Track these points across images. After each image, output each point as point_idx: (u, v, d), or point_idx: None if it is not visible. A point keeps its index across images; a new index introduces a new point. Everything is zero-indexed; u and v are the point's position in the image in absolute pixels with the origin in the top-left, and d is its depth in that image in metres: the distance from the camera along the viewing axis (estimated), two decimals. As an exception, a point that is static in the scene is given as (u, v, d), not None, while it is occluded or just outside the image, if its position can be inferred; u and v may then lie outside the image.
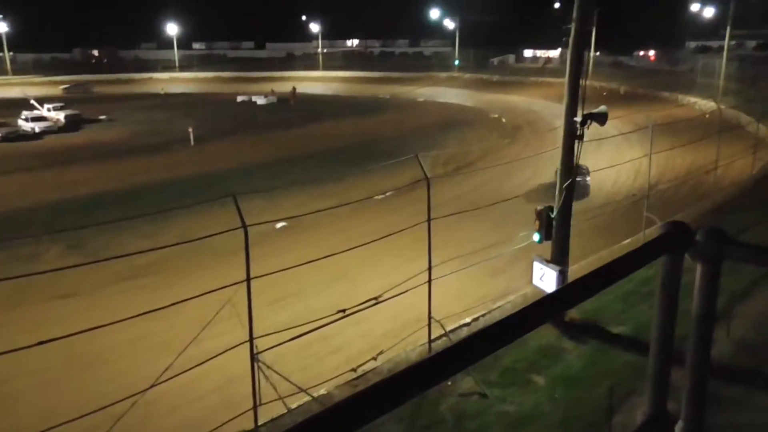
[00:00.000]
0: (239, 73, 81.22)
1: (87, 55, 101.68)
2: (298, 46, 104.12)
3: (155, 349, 11.69)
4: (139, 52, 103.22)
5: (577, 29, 11.28)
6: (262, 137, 39.12)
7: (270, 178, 26.49)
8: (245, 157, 32.17)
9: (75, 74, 77.17)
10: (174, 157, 33.13)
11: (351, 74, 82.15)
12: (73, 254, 17.21)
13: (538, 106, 50.18)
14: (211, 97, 63.07)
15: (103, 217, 20.48)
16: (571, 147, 11.67)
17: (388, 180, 22.62)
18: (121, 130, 41.97)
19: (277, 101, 57.89)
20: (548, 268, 11.44)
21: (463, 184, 24.08)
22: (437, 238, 11.27)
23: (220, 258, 15.54)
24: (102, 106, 51.31)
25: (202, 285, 9.22)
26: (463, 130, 40.10)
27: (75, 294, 14.77)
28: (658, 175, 23.13)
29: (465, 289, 14.46)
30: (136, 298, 14.20)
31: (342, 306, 10.26)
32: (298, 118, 47.38)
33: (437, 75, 78.87)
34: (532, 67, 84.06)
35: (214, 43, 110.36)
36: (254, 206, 12.91)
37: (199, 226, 18.43)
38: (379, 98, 61.03)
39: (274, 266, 9.62)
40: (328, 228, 18.71)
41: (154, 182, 26.56)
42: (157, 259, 16.07)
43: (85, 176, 27.97)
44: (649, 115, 18.84)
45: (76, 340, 7.81)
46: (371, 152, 31.55)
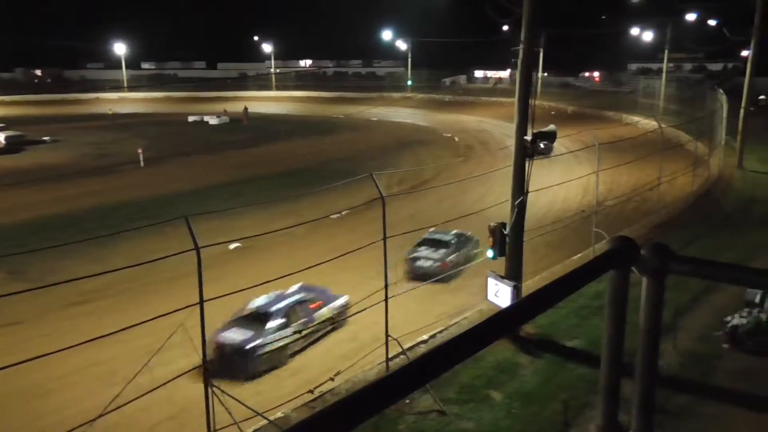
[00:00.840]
0: (191, 93, 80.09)
1: (30, 75, 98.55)
2: (251, 66, 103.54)
3: (103, 378, 11.29)
4: (85, 72, 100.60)
5: (525, 51, 11.64)
6: (215, 157, 38.60)
7: (224, 198, 26.11)
8: (198, 178, 31.64)
9: (17, 95, 74.61)
10: (123, 179, 32.31)
11: (304, 94, 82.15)
12: (16, 281, 16.48)
13: (489, 126, 51.22)
14: (162, 117, 61.91)
15: (47, 242, 19.71)
16: (522, 165, 11.96)
17: (343, 199, 22.62)
18: (66, 152, 40.70)
19: (229, 121, 57.29)
20: (502, 283, 11.61)
21: (418, 203, 24.27)
22: (394, 257, 11.32)
23: (172, 281, 15.18)
24: (46, 127, 49.71)
25: (153, 309, 8.98)
26: (417, 150, 40.53)
27: (19, 322, 14.15)
28: (606, 191, 23.89)
29: (422, 307, 14.51)
30: (83, 324, 13.70)
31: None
32: (251, 138, 46.96)
33: (390, 95, 79.69)
34: (483, 88, 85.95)
35: (165, 63, 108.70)
36: (208, 228, 12.69)
37: (150, 249, 17.96)
38: (333, 118, 61.15)
39: (229, 288, 9.46)
40: (283, 248, 18.54)
41: (102, 205, 25.80)
42: (106, 284, 15.56)
43: (27, 200, 26.93)
44: (595, 134, 19.47)
45: (18, 371, 7.44)
46: (326, 172, 31.51)
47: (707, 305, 13.25)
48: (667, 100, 46.82)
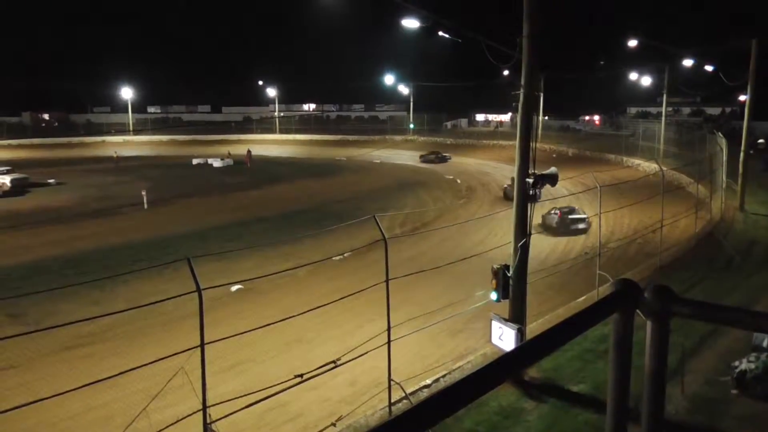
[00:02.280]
0: (195, 136, 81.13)
1: (37, 118, 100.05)
2: (255, 109, 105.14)
3: (99, 423, 11.07)
4: (91, 116, 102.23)
5: (525, 95, 11.82)
6: (218, 199, 38.81)
7: (226, 240, 26.11)
8: (200, 219, 31.73)
9: (24, 138, 75.71)
10: (126, 221, 32.41)
11: (307, 137, 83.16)
12: (13, 324, 16.34)
13: (490, 168, 51.59)
14: (166, 159, 62.55)
15: (47, 285, 19.62)
16: (524, 207, 11.99)
17: (345, 241, 22.61)
18: (70, 194, 40.96)
19: (233, 164, 57.83)
20: (506, 326, 11.49)
21: (420, 244, 24.25)
22: (396, 299, 11.23)
23: (172, 324, 15.05)
24: (51, 170, 50.18)
25: (152, 352, 8.88)
26: (419, 191, 40.74)
27: (14, 366, 13.93)
28: (608, 233, 23.87)
29: (425, 350, 14.33)
30: (81, 368, 13.48)
31: (299, 371, 10.00)
32: (254, 180, 47.30)
33: (392, 138, 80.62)
34: (484, 131, 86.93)
35: (170, 107, 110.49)
36: (209, 269, 12.67)
37: (150, 291, 17.87)
38: (335, 160, 61.71)
39: (229, 331, 9.37)
40: (285, 290, 18.44)
41: (103, 247, 25.80)
42: (105, 327, 15.42)
43: (29, 242, 26.96)
44: (596, 176, 19.58)
45: (11, 417, 7.29)
46: (328, 214, 31.60)
47: (714, 349, 13.07)
48: (667, 143, 47.23)
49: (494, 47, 12.30)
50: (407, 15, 15.67)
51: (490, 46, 12.21)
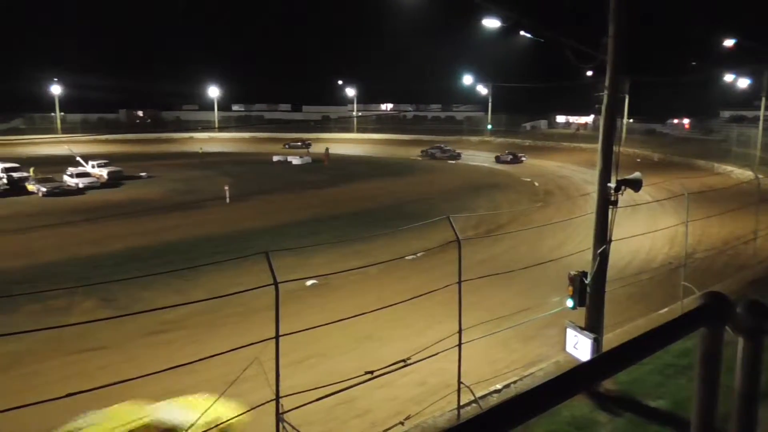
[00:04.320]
0: (276, 134, 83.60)
1: (132, 115, 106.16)
2: (333, 108, 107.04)
3: (179, 406, 11.57)
4: (180, 113, 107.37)
5: (609, 96, 11.40)
6: (295, 196, 39.78)
7: (301, 236, 26.73)
8: (278, 215, 32.64)
9: (119, 133, 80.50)
10: (209, 214, 33.81)
11: (384, 137, 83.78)
12: (106, 307, 17.44)
13: (569, 171, 50.16)
14: (248, 156, 64.76)
15: (136, 272, 20.81)
16: (605, 212, 11.57)
17: (418, 241, 22.62)
18: (159, 187, 43.19)
19: (311, 161, 59.11)
20: (582, 335, 11.13)
21: (493, 247, 23.90)
22: (467, 301, 11.11)
23: (248, 315, 15.56)
24: (143, 164, 53.08)
25: (229, 341, 9.21)
26: (494, 193, 40.18)
27: (105, 347, 14.87)
28: (695, 243, 22.63)
29: (495, 355, 14.11)
30: (163, 352, 14.21)
31: (369, 367, 10.08)
32: (332, 178, 48.16)
33: (469, 139, 79.92)
34: (565, 133, 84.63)
35: (253, 105, 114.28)
36: (284, 264, 12.99)
37: (229, 283, 18.57)
38: (411, 160, 61.84)
39: (303, 324, 9.57)
40: (357, 287, 18.66)
41: (187, 238, 27.02)
42: (186, 315, 16.16)
43: (121, 231, 28.65)
44: (683, 183, 18.60)
45: (102, 394, 7.81)
46: (402, 213, 31.70)
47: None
48: (765, 150, 44.27)
49: (577, 47, 11.93)
50: (488, 15, 15.48)
51: (572, 46, 11.85)
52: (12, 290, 18.19)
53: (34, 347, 14.43)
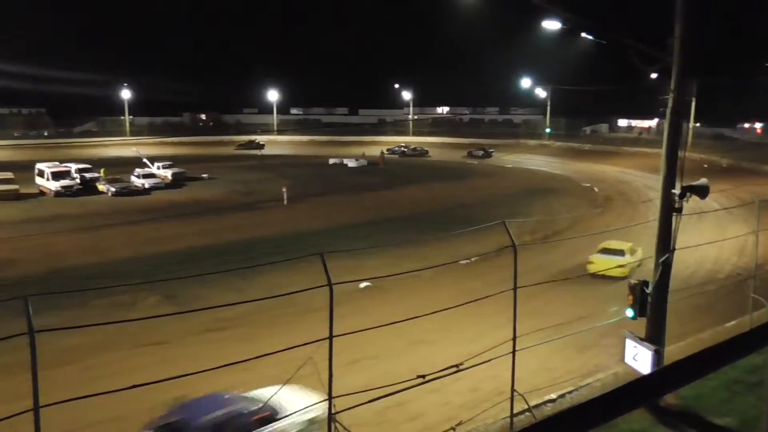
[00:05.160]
0: (332, 137, 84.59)
1: (195, 118, 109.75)
2: (389, 112, 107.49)
3: (235, 402, 11.83)
4: (240, 117, 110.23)
5: (674, 99, 10.98)
6: (350, 198, 40.14)
7: (355, 238, 26.95)
8: (334, 217, 33.01)
9: (183, 136, 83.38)
10: (266, 215, 34.53)
11: (439, 140, 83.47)
12: (168, 304, 18.05)
13: (631, 177, 48.63)
14: (305, 159, 65.80)
15: (197, 270, 21.45)
16: (668, 220, 11.14)
17: (472, 245, 22.41)
18: (219, 188, 44.43)
19: (367, 164, 59.51)
20: (642, 346, 10.74)
21: (550, 253, 23.42)
22: (521, 308, 10.91)
23: (302, 314, 15.78)
24: (205, 165, 54.73)
25: (283, 340, 9.35)
26: (551, 198, 39.38)
27: (166, 342, 15.38)
28: (766, 254, 21.52)
29: (550, 363, 13.81)
30: (220, 349, 14.58)
31: (421, 371, 10.03)
32: (386, 181, 48.34)
33: (526, 142, 78.63)
34: (627, 137, 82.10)
35: (311, 109, 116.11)
36: (339, 265, 13.11)
37: (284, 282, 18.85)
38: (466, 164, 61.40)
39: (356, 326, 9.62)
40: (410, 290, 18.64)
41: (245, 238, 27.67)
42: (243, 313, 16.55)
43: (183, 231, 29.61)
44: (754, 190, 17.71)
45: (161, 388, 8.07)
46: (456, 217, 31.49)
47: None
48: None
49: (641, 49, 11.54)
50: (548, 16, 15.18)
51: (636, 47, 11.46)
52: (83, 285, 19.09)
53: (100, 340, 15.08)
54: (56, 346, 13.93)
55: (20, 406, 6.37)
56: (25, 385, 6.26)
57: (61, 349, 14.08)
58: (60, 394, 6.68)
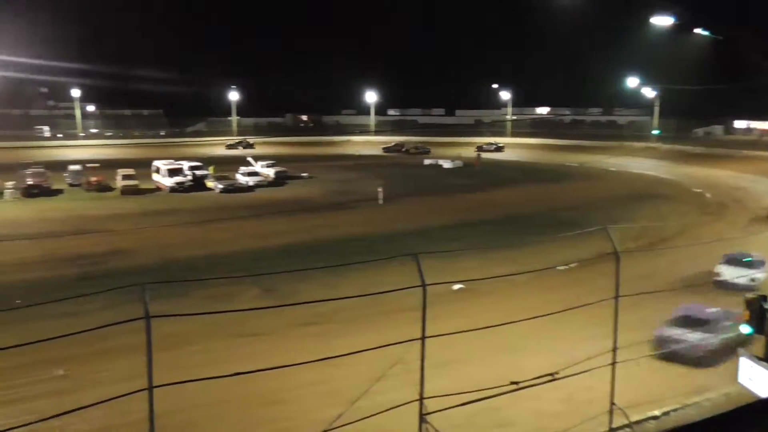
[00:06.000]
0: (428, 138, 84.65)
1: (296, 119, 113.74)
2: (487, 113, 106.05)
3: (326, 396, 12.14)
4: (339, 118, 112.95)
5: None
6: (445, 199, 39.98)
7: (448, 239, 26.80)
8: (427, 217, 33.03)
9: (285, 136, 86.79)
10: (362, 214, 35.13)
11: (539, 141, 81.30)
12: (267, 297, 18.81)
13: (748, 182, 45.00)
14: (400, 159, 66.33)
15: (295, 266, 22.21)
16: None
17: (570, 251, 21.65)
18: (318, 187, 45.74)
19: (462, 165, 59.05)
20: (759, 366, 9.90)
21: (656, 261, 22.16)
22: (624, 318, 10.41)
23: (393, 314, 15.89)
24: (304, 165, 56.56)
25: (374, 338, 9.47)
26: (657, 204, 37.23)
27: (262, 334, 16.03)
28: None
29: (653, 378, 13.07)
30: (313, 343, 14.99)
31: (513, 377, 9.83)
32: (482, 182, 47.73)
33: (632, 144, 74.77)
34: (744, 140, 76.04)
35: (407, 110, 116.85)
36: (433, 266, 13.11)
37: (377, 281, 19.09)
38: (566, 166, 59.38)
39: (447, 328, 9.57)
40: (504, 294, 18.29)
41: (341, 236, 28.29)
42: (336, 309, 16.93)
43: (283, 227, 30.74)
44: None
45: (255, 377, 8.45)
46: (553, 221, 30.55)
47: None
48: None
49: (762, 44, 10.64)
50: (658, 12, 14.39)
51: (756, 43, 10.58)
52: (191, 276, 20.29)
53: (204, 329, 15.96)
54: (163, 332, 14.86)
55: (132, 385, 6.86)
56: (136, 366, 6.73)
57: (167, 335, 15.01)
58: (168, 376, 7.13)
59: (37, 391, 12.72)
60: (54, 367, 13.65)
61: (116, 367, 12.98)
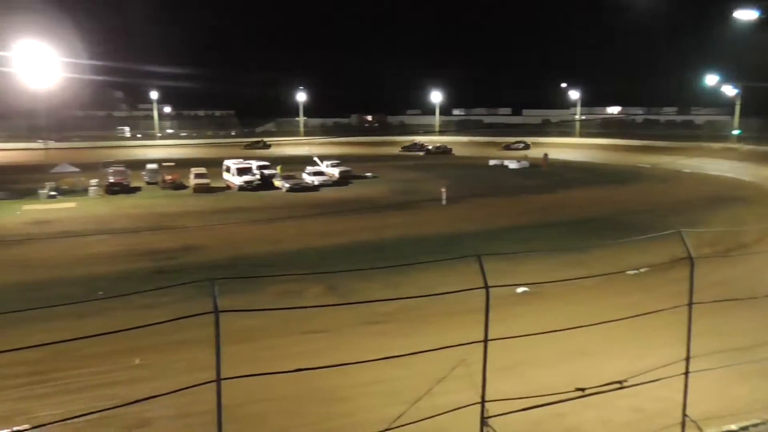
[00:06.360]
0: (493, 138, 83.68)
1: (362, 119, 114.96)
2: (555, 112, 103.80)
3: (387, 395, 12.22)
4: (404, 118, 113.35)
5: None
6: (510, 201, 39.42)
7: (512, 241, 26.42)
8: (492, 219, 32.67)
9: (350, 136, 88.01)
10: (425, 214, 35.13)
11: (609, 142, 78.79)
12: (331, 295, 19.13)
13: (842, 186, 42.08)
14: (465, 160, 65.83)
15: (358, 264, 22.52)
16: None
17: (640, 255, 20.93)
18: (382, 187, 46.06)
19: (529, 166, 58.01)
20: None
21: (734, 268, 21.07)
22: (698, 326, 9.97)
23: (455, 315, 15.81)
24: (369, 165, 57.06)
25: (436, 339, 9.47)
26: (736, 208, 35.35)
27: (326, 330, 16.31)
28: None
29: (730, 390, 12.43)
30: (375, 342, 15.13)
31: (579, 384, 9.62)
32: (549, 183, 46.74)
33: (709, 145, 71.24)
34: (838, 141, 71.06)
35: (472, 110, 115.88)
36: (496, 268, 12.95)
37: (440, 282, 19.04)
38: (638, 167, 57.29)
39: (510, 331, 9.46)
40: (570, 298, 17.86)
41: (404, 236, 28.39)
42: (398, 309, 17.02)
43: (347, 226, 31.15)
44: None
45: (321, 374, 8.64)
46: (623, 224, 29.58)
47: None
48: None
49: None
50: (742, 5, 13.68)
51: None
52: (259, 272, 20.92)
53: (271, 324, 16.41)
54: (238, 327, 15.38)
55: (203, 376, 7.15)
56: (207, 358, 7.00)
57: (242, 330, 15.51)
58: (240, 369, 7.39)
59: (116, 378, 13.44)
60: (131, 356, 14.37)
61: (189, 357, 13.53)
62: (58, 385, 13.23)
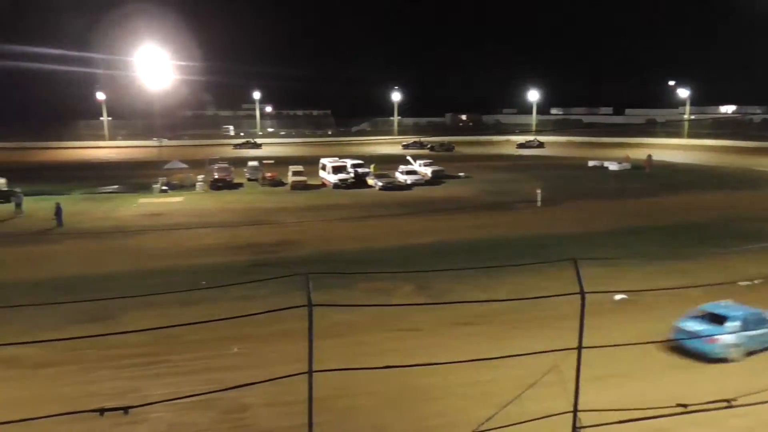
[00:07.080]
0: (593, 138, 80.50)
1: (456, 119, 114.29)
2: (660, 112, 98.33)
3: (478, 397, 12.11)
4: (500, 117, 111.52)
5: None
6: (609, 204, 37.73)
7: (611, 246, 25.28)
8: (589, 222, 31.44)
9: (443, 136, 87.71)
10: (519, 216, 34.37)
11: (720, 143, 73.63)
12: (421, 294, 19.18)
13: None
14: (562, 160, 63.79)
15: (448, 264, 22.41)
16: None
17: (754, 265, 19.46)
18: (474, 187, 45.54)
19: (630, 168, 55.29)
20: None
21: None
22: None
23: (549, 320, 15.40)
24: (462, 165, 56.59)
25: (528, 343, 9.28)
26: None
27: (418, 329, 16.38)
28: None
29: None
30: (467, 344, 15.01)
31: (681, 399, 9.05)
32: (652, 187, 44.33)
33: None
34: None
35: (571, 109, 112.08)
36: (593, 274, 12.51)
37: (533, 285, 18.66)
38: (754, 171, 53.07)
39: (607, 340, 9.10)
40: (671, 309, 16.84)
41: (496, 238, 27.90)
42: (490, 311, 16.80)
43: (437, 226, 31.02)
44: None
45: (412, 372, 8.70)
46: (735, 231, 27.53)
47: None
48: None
49: None
50: None
51: None
52: (351, 269, 21.33)
53: (363, 320, 16.73)
54: (333, 321, 15.85)
55: (296, 367, 7.40)
56: (301, 350, 7.24)
57: (336, 324, 15.96)
58: (334, 362, 7.60)
59: (215, 363, 14.21)
60: (230, 344, 15.13)
61: (283, 348, 14.07)
62: (164, 367, 14.19)
